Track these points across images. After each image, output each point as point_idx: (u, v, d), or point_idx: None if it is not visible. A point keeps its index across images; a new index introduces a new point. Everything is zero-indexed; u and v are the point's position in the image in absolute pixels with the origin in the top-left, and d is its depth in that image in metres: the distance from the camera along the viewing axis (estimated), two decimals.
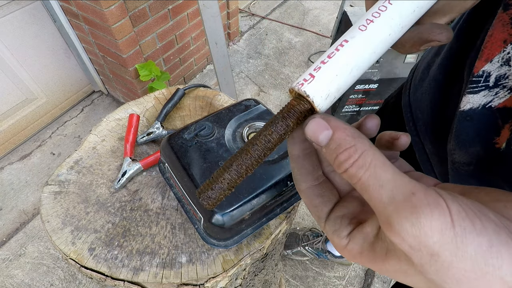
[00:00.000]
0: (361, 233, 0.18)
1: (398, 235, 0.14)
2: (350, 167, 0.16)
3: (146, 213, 0.51)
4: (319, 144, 0.18)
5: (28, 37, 1.39)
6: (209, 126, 0.46)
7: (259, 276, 0.60)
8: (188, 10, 1.61)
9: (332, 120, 0.18)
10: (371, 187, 0.16)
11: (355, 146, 0.17)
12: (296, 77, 2.02)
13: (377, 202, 0.15)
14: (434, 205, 0.14)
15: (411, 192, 0.15)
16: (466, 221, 0.14)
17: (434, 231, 0.13)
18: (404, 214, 0.14)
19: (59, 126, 1.69)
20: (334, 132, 0.18)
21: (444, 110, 0.41)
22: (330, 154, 0.18)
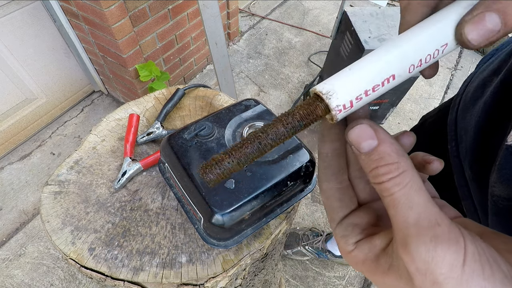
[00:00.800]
0: (369, 243, 0.18)
1: (410, 255, 0.15)
2: (387, 182, 0.17)
3: (146, 213, 0.51)
4: (359, 150, 0.18)
5: (28, 37, 1.39)
6: (209, 126, 0.46)
7: (259, 276, 0.60)
8: (188, 10, 1.61)
9: (380, 131, 0.18)
10: (400, 205, 0.16)
11: (398, 164, 0.17)
12: (297, 77, 2.02)
13: (402, 221, 0.16)
14: (454, 241, 0.15)
15: (436, 222, 0.15)
16: (477, 264, 0.14)
17: (444, 263, 0.14)
18: (423, 239, 0.15)
19: (59, 126, 1.69)
20: (379, 144, 0.18)
21: (489, 138, 0.39)
22: (369, 164, 0.18)
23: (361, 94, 0.19)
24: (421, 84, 2.07)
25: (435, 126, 0.56)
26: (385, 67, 0.19)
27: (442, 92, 2.04)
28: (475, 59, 2.27)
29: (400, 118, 1.89)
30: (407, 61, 0.19)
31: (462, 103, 0.48)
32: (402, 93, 1.44)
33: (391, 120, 1.87)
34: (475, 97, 0.44)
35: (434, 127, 0.56)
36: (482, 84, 0.44)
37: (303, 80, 2.03)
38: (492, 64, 0.45)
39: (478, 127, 0.41)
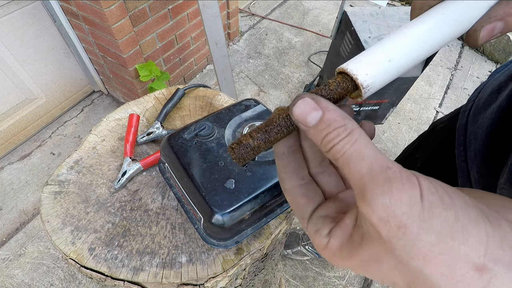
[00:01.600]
0: (341, 227, 0.18)
1: (368, 205, 0.15)
2: (337, 144, 0.17)
3: (146, 213, 0.51)
4: (306, 125, 0.18)
5: (28, 37, 1.38)
6: (209, 126, 0.46)
7: (259, 276, 0.60)
8: (188, 10, 1.61)
9: (321, 101, 0.19)
10: (352, 160, 0.16)
11: (345, 126, 0.17)
12: (297, 77, 2.03)
13: (356, 173, 0.16)
14: (406, 179, 0.15)
15: (387, 166, 0.15)
16: (435, 196, 0.14)
17: (403, 202, 0.14)
18: (378, 183, 0.15)
19: (59, 126, 1.69)
20: (324, 113, 0.18)
21: (502, 141, 0.39)
22: (318, 134, 0.18)
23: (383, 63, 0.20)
24: (421, 84, 2.07)
25: (446, 133, 0.56)
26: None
27: (442, 92, 2.04)
28: (474, 59, 2.27)
29: (400, 118, 1.89)
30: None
31: (474, 108, 0.48)
32: (402, 93, 1.44)
33: (391, 120, 1.87)
34: (488, 102, 0.44)
35: (445, 134, 0.56)
36: (497, 89, 0.44)
37: (303, 80, 2.03)
38: (508, 71, 0.45)
39: (490, 130, 0.41)
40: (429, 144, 0.67)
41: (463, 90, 2.06)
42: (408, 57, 0.20)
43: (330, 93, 0.20)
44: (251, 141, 0.20)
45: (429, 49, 0.21)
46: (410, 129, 1.84)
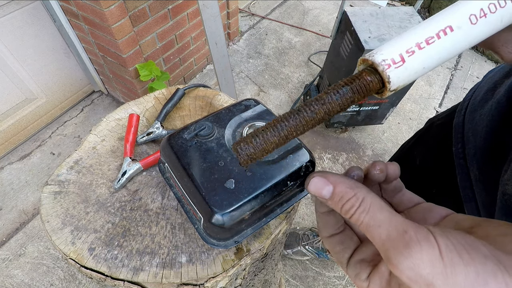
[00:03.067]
0: (378, 273, 0.20)
1: (396, 268, 0.16)
2: (354, 214, 0.19)
3: (146, 213, 0.51)
4: (324, 199, 0.21)
5: (28, 37, 1.38)
6: (209, 126, 0.46)
7: (259, 276, 0.60)
8: (188, 10, 1.61)
9: (330, 176, 0.21)
10: (371, 228, 0.18)
11: (356, 196, 0.19)
12: (297, 76, 2.02)
13: (377, 240, 0.18)
14: (424, 240, 0.16)
15: (403, 230, 0.17)
16: (454, 253, 0.15)
17: (425, 263, 0.15)
18: (398, 249, 0.16)
19: (59, 126, 1.69)
20: (334, 187, 0.20)
21: (503, 137, 0.39)
22: (336, 205, 0.20)
23: (411, 47, 0.17)
24: (421, 84, 2.07)
25: (443, 130, 0.56)
26: (439, 19, 0.18)
27: (442, 92, 2.04)
28: (475, 59, 2.27)
29: (400, 118, 1.89)
30: (464, 10, 0.17)
31: (470, 106, 0.48)
32: (402, 93, 1.44)
33: (391, 120, 1.87)
34: (485, 99, 0.45)
35: (442, 131, 0.56)
36: (492, 87, 0.44)
37: (303, 80, 2.03)
38: (502, 70, 0.45)
39: (490, 127, 0.41)
40: (427, 141, 0.67)
41: (463, 90, 2.06)
42: (439, 60, 0.18)
43: (361, 89, 0.19)
44: (260, 138, 0.20)
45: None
46: (410, 129, 1.84)
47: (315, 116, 0.19)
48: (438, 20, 0.18)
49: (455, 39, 0.17)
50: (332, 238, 0.25)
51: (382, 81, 0.18)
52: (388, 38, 1.21)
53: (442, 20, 0.18)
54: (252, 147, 0.20)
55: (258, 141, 0.20)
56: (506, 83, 0.41)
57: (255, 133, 0.20)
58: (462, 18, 0.17)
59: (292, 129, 0.19)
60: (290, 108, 1.85)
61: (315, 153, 1.71)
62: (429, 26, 0.18)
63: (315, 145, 1.74)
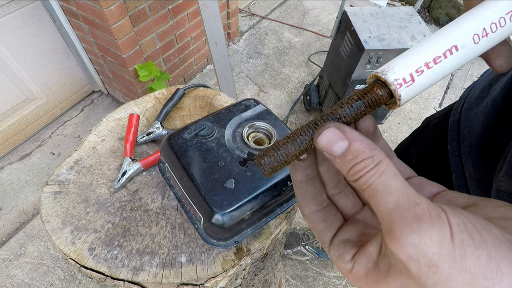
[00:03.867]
0: (365, 253, 0.18)
1: (397, 242, 0.15)
2: (364, 175, 0.17)
3: (146, 213, 0.51)
4: (332, 154, 0.18)
5: (28, 37, 1.38)
6: (209, 126, 0.46)
7: (259, 276, 0.60)
8: (188, 10, 1.61)
9: (347, 130, 0.18)
10: (379, 193, 0.16)
11: (373, 157, 0.17)
12: (297, 76, 2.02)
13: (383, 208, 0.16)
14: (436, 217, 0.14)
15: (415, 202, 0.15)
16: (465, 234, 0.14)
17: (433, 241, 0.14)
18: (406, 220, 0.15)
19: (59, 126, 1.69)
20: (351, 143, 0.18)
21: (498, 134, 0.39)
22: (345, 165, 0.18)
23: (421, 67, 0.19)
24: None
25: (440, 128, 0.56)
26: (445, 38, 0.19)
27: (442, 92, 2.04)
28: (475, 59, 2.27)
29: (400, 118, 1.89)
30: (469, 30, 0.19)
31: (466, 104, 0.48)
32: None
33: (391, 120, 1.87)
34: (481, 97, 0.45)
35: (439, 129, 0.56)
36: (488, 85, 0.44)
37: (303, 80, 2.03)
38: None
39: (486, 124, 0.41)
40: (423, 140, 0.67)
41: (463, 90, 2.06)
42: (443, 76, 0.20)
43: (373, 103, 0.20)
44: (280, 153, 0.20)
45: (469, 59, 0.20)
46: (410, 129, 1.84)
47: None
48: (444, 39, 0.19)
49: (459, 57, 0.19)
50: (313, 215, 0.22)
51: (392, 95, 0.20)
52: (388, 38, 1.21)
53: (448, 39, 0.19)
54: (275, 161, 0.20)
55: (280, 153, 0.20)
56: (501, 80, 0.41)
57: (277, 146, 0.20)
58: (466, 38, 0.19)
59: (311, 142, 0.20)
60: (290, 108, 1.85)
61: None
62: (436, 44, 0.19)
63: None
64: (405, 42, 1.20)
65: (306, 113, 1.86)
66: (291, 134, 0.20)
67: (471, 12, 0.19)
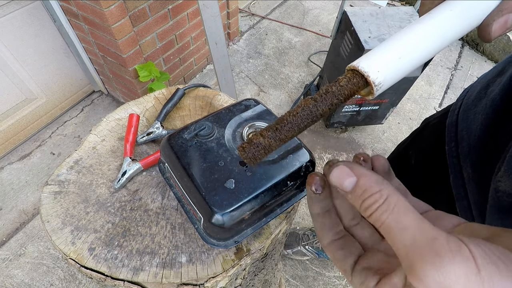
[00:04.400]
0: (389, 283, 0.18)
1: (420, 281, 0.14)
2: (375, 211, 0.17)
3: (146, 213, 0.51)
4: (344, 190, 0.19)
5: (28, 37, 1.38)
6: (209, 126, 0.46)
7: (259, 276, 0.60)
8: (188, 10, 1.61)
9: (355, 167, 0.19)
10: (393, 230, 0.16)
11: (381, 192, 0.17)
12: (297, 76, 2.03)
13: (400, 246, 0.16)
14: (456, 250, 0.14)
15: (433, 237, 0.15)
16: (491, 265, 0.13)
17: (459, 276, 0.13)
18: (426, 258, 0.14)
19: (59, 126, 1.69)
20: (359, 178, 0.18)
21: (497, 134, 0.39)
22: (356, 200, 0.18)
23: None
24: (421, 84, 2.07)
25: (438, 129, 0.56)
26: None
27: (442, 92, 2.04)
28: (474, 59, 2.27)
29: (400, 118, 1.89)
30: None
31: (464, 105, 0.48)
32: (402, 93, 1.44)
33: (391, 120, 1.87)
34: (478, 98, 0.45)
35: (438, 130, 0.56)
36: (485, 86, 0.45)
37: (303, 80, 2.03)
38: (495, 69, 0.46)
39: (485, 125, 0.41)
40: (422, 140, 0.67)
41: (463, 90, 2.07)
42: (418, 53, 0.20)
43: (341, 89, 0.20)
44: (262, 139, 0.20)
45: (438, 46, 0.21)
46: (410, 129, 1.84)
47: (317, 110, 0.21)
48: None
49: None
50: (332, 244, 0.23)
51: (366, 82, 0.21)
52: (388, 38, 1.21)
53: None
54: (256, 148, 0.21)
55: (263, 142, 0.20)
56: (499, 81, 0.41)
57: (260, 133, 0.21)
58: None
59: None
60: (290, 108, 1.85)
61: (315, 153, 1.71)
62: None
63: (315, 145, 1.74)
64: None
65: None
66: (274, 123, 0.21)
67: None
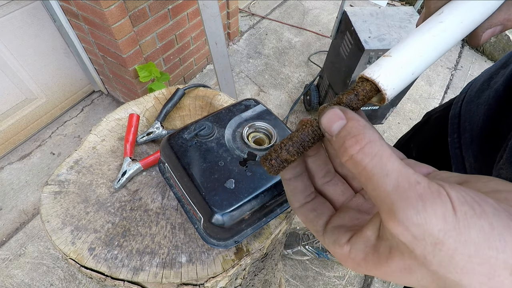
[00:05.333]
0: (362, 238, 0.18)
1: (401, 224, 0.14)
2: (355, 153, 0.16)
3: (146, 213, 0.51)
4: (331, 133, 0.19)
5: (28, 37, 1.38)
6: (209, 126, 0.46)
7: (259, 276, 0.60)
8: (188, 10, 1.61)
9: (348, 112, 0.19)
10: (375, 176, 0.16)
11: (364, 134, 0.17)
12: (297, 76, 2.03)
13: (381, 191, 0.15)
14: (437, 194, 0.14)
15: (416, 181, 0.15)
16: (466, 206, 0.14)
17: (438, 218, 0.13)
18: (409, 201, 0.14)
19: (59, 126, 1.69)
20: (347, 121, 0.18)
21: (499, 124, 0.40)
22: (338, 142, 0.18)
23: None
24: (421, 84, 2.07)
25: (440, 122, 0.57)
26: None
27: (442, 92, 2.04)
28: (474, 59, 2.27)
29: (400, 118, 1.89)
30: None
31: (467, 98, 0.49)
32: (402, 93, 1.44)
33: (391, 120, 1.87)
34: (481, 90, 0.46)
35: (440, 123, 0.57)
36: (488, 78, 0.46)
37: (303, 80, 2.03)
38: (498, 62, 0.47)
39: (487, 115, 0.42)
40: (424, 133, 0.68)
41: None
42: (426, 60, 0.22)
43: (357, 100, 0.21)
44: (285, 153, 0.20)
45: (440, 54, 0.22)
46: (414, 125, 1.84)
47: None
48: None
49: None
50: (303, 207, 0.23)
51: (376, 87, 0.21)
52: (388, 38, 1.21)
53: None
54: (282, 157, 0.21)
55: (285, 152, 0.21)
56: (502, 73, 0.42)
57: (281, 145, 0.21)
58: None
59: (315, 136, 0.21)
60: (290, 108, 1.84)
61: None
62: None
63: None
64: None
65: (306, 113, 1.86)
66: (293, 134, 0.21)
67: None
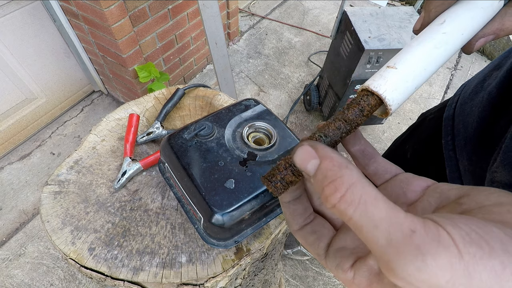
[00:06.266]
0: (365, 265, 0.17)
1: (403, 280, 0.13)
2: (337, 203, 0.14)
3: (146, 213, 0.51)
4: (307, 173, 0.17)
5: (28, 37, 1.38)
6: (209, 126, 0.46)
7: (259, 276, 0.60)
8: (188, 10, 1.61)
9: (320, 148, 0.17)
10: (364, 228, 0.14)
11: (341, 178, 0.15)
12: (297, 76, 2.03)
13: (374, 245, 0.14)
14: (436, 238, 0.12)
15: (410, 230, 0.13)
16: (473, 246, 0.12)
17: (444, 269, 0.12)
18: (407, 257, 0.12)
19: (59, 126, 1.69)
20: (321, 161, 0.16)
21: (493, 126, 0.40)
22: (318, 186, 0.16)
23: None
24: None
25: (435, 124, 0.57)
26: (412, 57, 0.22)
27: (442, 92, 2.04)
28: (474, 59, 2.27)
29: (400, 118, 1.89)
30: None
31: (460, 100, 0.49)
32: None
33: (391, 120, 1.87)
34: (475, 92, 0.46)
35: (434, 124, 0.57)
36: (482, 79, 0.46)
37: (303, 80, 2.03)
38: (491, 64, 0.47)
39: (481, 117, 0.42)
40: (419, 134, 0.68)
41: None
42: (429, 74, 0.22)
43: (361, 116, 0.21)
44: (290, 174, 0.20)
45: (440, 66, 0.23)
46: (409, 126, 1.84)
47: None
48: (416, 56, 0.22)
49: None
50: (303, 230, 0.21)
51: (380, 100, 0.21)
52: (388, 38, 1.21)
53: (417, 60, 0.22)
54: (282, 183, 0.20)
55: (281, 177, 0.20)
56: (495, 75, 0.42)
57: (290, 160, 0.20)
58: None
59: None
60: (290, 108, 1.84)
61: None
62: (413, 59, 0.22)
63: None
64: (405, 42, 1.20)
65: (306, 113, 1.86)
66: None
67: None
